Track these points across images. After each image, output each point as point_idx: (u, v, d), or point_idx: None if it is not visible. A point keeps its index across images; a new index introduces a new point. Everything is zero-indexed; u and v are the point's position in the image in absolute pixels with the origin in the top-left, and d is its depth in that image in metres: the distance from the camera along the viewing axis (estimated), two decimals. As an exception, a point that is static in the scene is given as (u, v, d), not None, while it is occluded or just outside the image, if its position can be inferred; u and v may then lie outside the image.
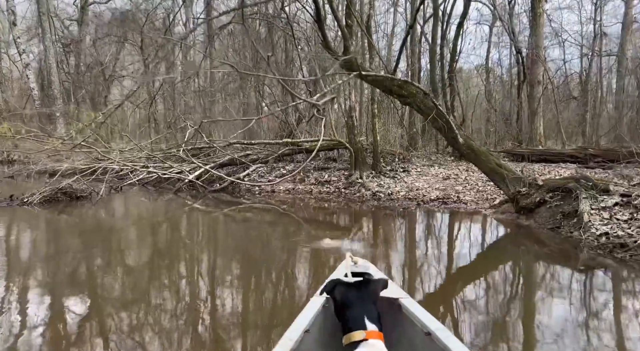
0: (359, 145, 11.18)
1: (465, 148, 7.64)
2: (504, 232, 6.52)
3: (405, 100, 8.03)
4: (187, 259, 5.44)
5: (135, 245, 6.42)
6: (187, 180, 10.70)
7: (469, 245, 6.03)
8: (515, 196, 7.00)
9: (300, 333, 1.87)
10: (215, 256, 5.81)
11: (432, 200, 9.09)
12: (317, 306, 2.14)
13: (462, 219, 7.64)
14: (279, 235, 6.61)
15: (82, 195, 9.17)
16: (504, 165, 7.45)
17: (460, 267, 5.01)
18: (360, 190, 10.37)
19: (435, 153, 15.17)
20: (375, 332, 1.69)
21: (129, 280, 4.66)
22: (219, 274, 4.94)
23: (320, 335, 2.09)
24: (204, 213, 9.27)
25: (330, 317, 2.11)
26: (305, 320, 1.99)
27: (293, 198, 10.52)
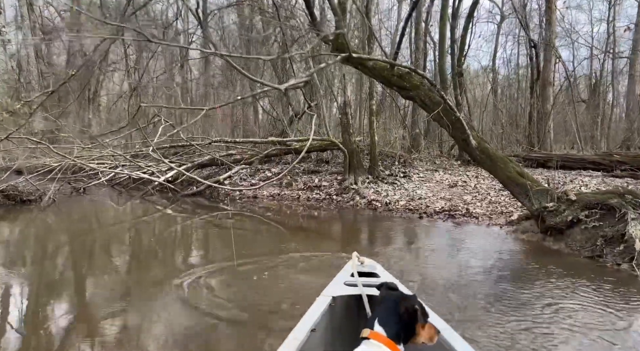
0: (354, 146, 9.86)
1: (478, 152, 6.31)
2: (529, 259, 5.20)
3: (407, 93, 6.71)
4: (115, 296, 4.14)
5: (63, 267, 5.12)
6: (157, 182, 9.39)
7: (485, 277, 4.70)
8: (541, 212, 5.68)
9: (306, 332, 1.85)
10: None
11: (437, 212, 7.77)
12: (324, 305, 2.12)
13: (473, 238, 6.32)
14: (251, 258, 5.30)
15: (29, 198, 7.87)
16: (526, 174, 6.12)
17: (477, 314, 3.69)
18: (354, 198, 9.05)
19: (440, 157, 13.83)
20: (381, 335, 1.63)
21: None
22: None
23: (326, 334, 2.08)
24: (167, 222, 7.97)
25: (337, 317, 2.16)
26: (312, 319, 1.97)
27: (278, 205, 9.22)
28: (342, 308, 2.23)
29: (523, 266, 4.97)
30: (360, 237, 6.88)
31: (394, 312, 1.72)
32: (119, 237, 6.55)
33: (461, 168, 11.26)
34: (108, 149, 9.04)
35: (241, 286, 4.17)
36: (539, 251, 5.45)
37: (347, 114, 9.85)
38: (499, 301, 3.78)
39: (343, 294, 2.25)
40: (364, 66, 6.96)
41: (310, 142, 9.47)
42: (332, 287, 2.36)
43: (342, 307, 2.23)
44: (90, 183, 9.87)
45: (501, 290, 4.08)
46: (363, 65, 6.97)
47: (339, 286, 2.37)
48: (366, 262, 2.72)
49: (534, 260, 5.16)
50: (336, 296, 2.22)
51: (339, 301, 2.21)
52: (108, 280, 4.45)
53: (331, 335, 2.12)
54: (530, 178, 6.08)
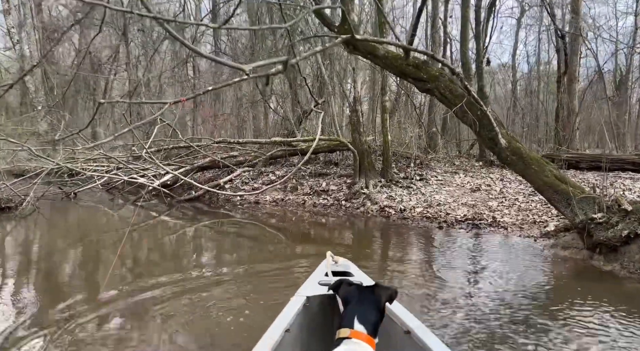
0: (365, 147, 8.98)
1: (509, 153, 5.38)
2: (574, 283, 4.26)
3: (425, 85, 5.81)
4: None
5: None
6: (152, 186, 8.64)
7: (521, 307, 3.77)
8: (587, 225, 4.73)
9: (280, 333, 1.84)
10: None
11: (459, 220, 6.84)
12: (298, 305, 2.10)
13: (503, 253, 5.38)
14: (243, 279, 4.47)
15: (8, 205, 7.20)
16: (566, 179, 5.16)
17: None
18: (365, 204, 8.18)
19: (459, 157, 12.83)
20: (362, 334, 1.62)
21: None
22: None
23: (300, 334, 2.06)
24: (158, 231, 7.19)
25: (311, 316, 2.17)
26: (286, 319, 1.96)
27: (282, 212, 8.40)
28: (317, 307, 2.22)
29: (568, 293, 4.02)
30: (369, 251, 5.95)
31: (372, 307, 1.73)
32: (93, 255, 5.79)
33: (483, 170, 10.28)
34: (99, 151, 8.32)
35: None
36: (587, 273, 4.50)
37: (358, 112, 8.97)
38: (540, 343, 2.87)
39: (317, 294, 2.23)
40: (374, 56, 6.10)
41: (316, 142, 8.65)
42: (306, 287, 2.34)
43: (317, 307, 2.22)
44: (81, 188, 9.18)
45: (541, 329, 3.16)
46: (373, 54, 6.10)
47: (313, 286, 2.35)
48: (340, 261, 2.74)
49: (580, 284, 4.22)
50: (310, 296, 2.21)
51: (313, 301, 2.21)
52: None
53: (306, 335, 2.11)
54: (572, 183, 5.12)
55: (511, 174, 9.40)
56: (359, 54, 6.28)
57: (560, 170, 8.69)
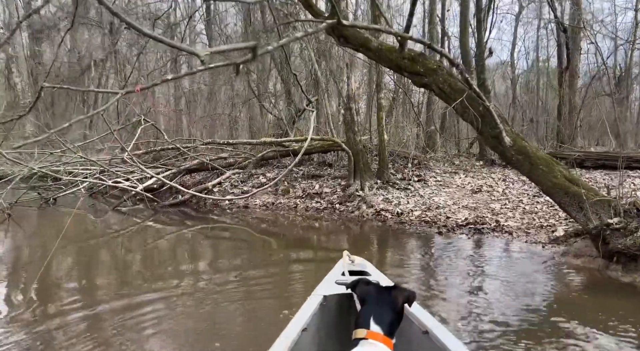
0: (359, 147, 8.52)
1: (514, 152, 4.93)
2: (590, 297, 3.81)
3: (422, 80, 5.35)
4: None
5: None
6: (134, 191, 8.17)
7: (532, 326, 3.32)
8: (602, 231, 4.27)
9: (298, 332, 1.83)
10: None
11: (460, 225, 6.39)
12: (315, 304, 2.09)
13: (509, 262, 4.93)
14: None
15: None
16: (577, 180, 4.71)
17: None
18: (360, 207, 7.72)
19: (458, 156, 12.39)
20: (378, 334, 1.60)
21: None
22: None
23: (318, 334, 2.05)
24: (138, 238, 6.71)
25: (328, 316, 2.16)
26: (303, 318, 1.95)
27: (273, 216, 7.95)
28: (334, 307, 2.22)
29: (582, 309, 3.56)
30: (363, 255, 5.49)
31: (389, 308, 1.70)
32: (59, 266, 5.32)
33: (484, 170, 9.83)
34: (77, 154, 7.84)
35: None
36: (603, 285, 4.05)
37: (352, 110, 8.50)
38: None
39: (334, 293, 2.23)
40: (367, 48, 5.65)
41: (308, 142, 8.20)
42: (323, 286, 2.34)
43: (334, 306, 2.22)
44: (61, 194, 8.70)
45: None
46: (366, 46, 5.66)
47: (330, 285, 2.34)
48: (357, 261, 2.75)
49: (596, 298, 3.77)
50: (327, 295, 2.21)
51: (330, 300, 2.21)
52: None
53: (323, 334, 2.11)
54: (584, 185, 4.67)
55: (514, 174, 8.96)
56: (350, 46, 5.82)
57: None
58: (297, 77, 10.21)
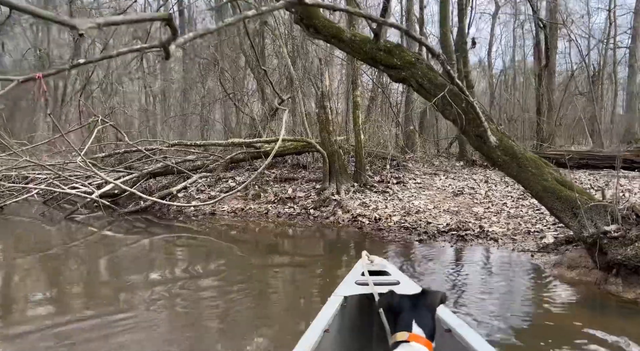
0: (335, 147, 8.00)
1: (500, 152, 4.48)
2: (589, 317, 3.37)
3: (399, 73, 4.87)
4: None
5: None
6: (90, 198, 7.44)
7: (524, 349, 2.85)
8: (598, 240, 3.85)
9: (320, 333, 1.83)
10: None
11: (442, 231, 5.92)
12: (336, 305, 2.09)
13: (495, 274, 4.47)
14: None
15: None
16: (570, 184, 4.28)
17: None
18: (336, 212, 7.21)
19: (438, 156, 12.02)
20: (421, 338, 1.58)
21: None
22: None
23: (339, 335, 2.05)
24: (90, 248, 6.01)
25: (349, 316, 2.17)
26: (325, 319, 1.95)
27: (243, 223, 7.36)
28: (354, 307, 2.22)
29: (579, 330, 3.11)
30: (332, 276, 4.89)
31: (428, 311, 1.69)
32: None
33: (465, 171, 9.45)
34: (23, 158, 7.09)
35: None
36: (602, 302, 3.61)
37: (326, 108, 7.98)
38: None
39: (354, 294, 2.22)
40: (339, 40, 5.16)
41: (279, 143, 7.64)
42: (343, 287, 2.33)
43: (354, 307, 2.21)
44: (7, 201, 7.92)
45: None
46: (338, 38, 5.16)
47: (350, 285, 2.33)
48: (376, 261, 2.70)
49: (596, 318, 3.33)
50: (348, 296, 2.20)
51: (350, 301, 2.20)
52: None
53: (344, 334, 2.10)
54: (577, 188, 4.24)
55: (496, 174, 8.60)
56: (321, 37, 5.28)
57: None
58: (267, 73, 9.62)
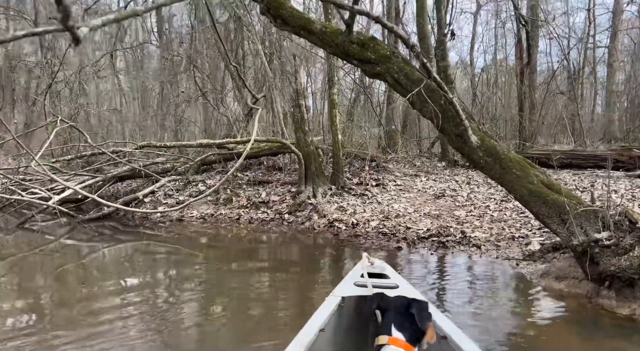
0: (311, 148, 7.59)
1: (482, 153, 4.13)
2: (580, 336, 3.04)
3: (373, 68, 4.48)
4: None
5: None
6: (45, 205, 6.88)
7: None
8: (588, 249, 3.51)
9: (315, 332, 1.84)
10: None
11: (422, 237, 5.55)
12: (333, 305, 2.10)
13: (477, 285, 4.11)
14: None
15: None
16: (557, 186, 3.94)
17: None
18: (312, 217, 6.80)
19: (420, 156, 11.70)
20: (400, 341, 1.61)
21: None
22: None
23: (335, 334, 2.06)
24: (40, 261, 5.48)
25: (346, 317, 2.17)
26: (321, 319, 1.96)
27: (215, 229, 6.90)
28: (352, 308, 2.21)
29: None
30: (306, 287, 4.50)
31: (408, 315, 1.70)
32: None
33: (447, 172, 9.13)
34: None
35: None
36: (594, 318, 3.27)
37: (301, 107, 7.57)
38: None
39: (352, 294, 2.22)
40: (309, 31, 4.78)
41: (251, 144, 7.21)
42: (341, 287, 2.34)
43: (352, 308, 2.21)
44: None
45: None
46: (307, 29, 4.79)
47: (349, 286, 2.34)
48: (376, 263, 2.70)
49: (587, 337, 2.99)
50: (345, 296, 2.20)
51: (348, 301, 2.20)
52: None
53: (340, 335, 2.10)
54: (566, 192, 3.90)
55: (478, 176, 8.29)
56: (288, 29, 4.87)
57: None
58: (239, 69, 9.16)
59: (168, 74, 12.71)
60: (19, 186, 7.84)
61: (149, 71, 13.84)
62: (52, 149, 11.78)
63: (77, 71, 11.95)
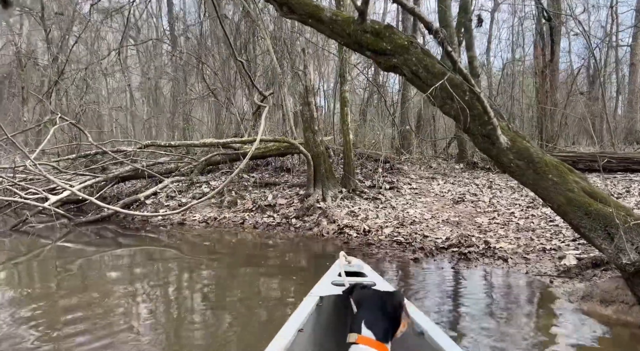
0: (320, 149, 7.14)
1: (513, 156, 3.64)
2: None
3: (389, 60, 4.01)
4: None
5: None
6: (41, 207, 6.55)
7: None
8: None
9: (294, 332, 1.83)
10: None
11: (441, 247, 5.06)
12: (311, 305, 2.09)
13: (506, 307, 3.60)
14: None
15: None
16: (603, 195, 3.42)
17: None
18: (320, 222, 6.34)
19: (435, 157, 11.18)
20: (369, 339, 1.57)
21: None
22: None
23: (314, 334, 2.06)
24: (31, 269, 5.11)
25: (324, 316, 2.17)
26: (299, 319, 1.95)
27: (218, 234, 6.49)
28: (330, 308, 2.21)
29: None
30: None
31: (380, 312, 1.68)
32: None
33: (466, 174, 8.59)
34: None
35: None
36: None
37: (311, 104, 7.12)
38: None
39: (330, 294, 2.21)
40: (317, 20, 4.35)
41: (256, 143, 6.78)
42: (319, 287, 2.32)
43: (330, 307, 2.21)
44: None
45: None
46: (316, 18, 4.36)
47: (327, 286, 2.32)
48: (353, 262, 2.72)
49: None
50: (324, 296, 2.19)
51: (326, 301, 2.20)
52: None
53: (319, 335, 2.10)
54: (613, 201, 3.38)
55: (500, 179, 7.76)
56: (295, 17, 4.41)
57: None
58: (244, 65, 8.74)
59: (176, 71, 12.36)
60: (17, 186, 7.53)
61: (159, 69, 13.51)
62: (58, 147, 11.57)
63: (84, 68, 11.67)
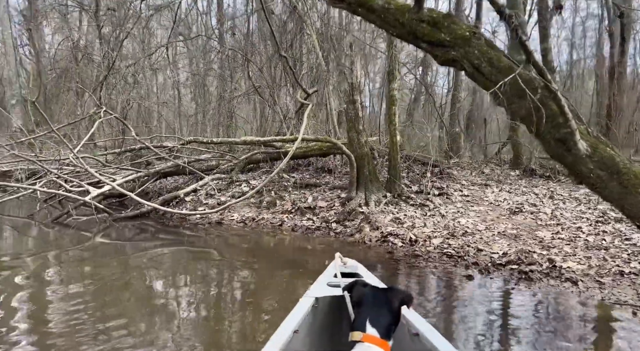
0: (365, 150, 6.74)
1: (593, 165, 3.12)
2: None
3: (447, 53, 3.57)
4: None
5: None
6: (82, 200, 6.56)
7: None
8: None
9: (289, 333, 1.83)
10: None
11: (499, 263, 4.54)
12: (307, 306, 2.10)
13: (585, 343, 3.08)
14: None
15: None
16: None
17: None
18: (362, 229, 5.95)
19: (487, 163, 10.47)
20: (374, 338, 1.58)
21: None
22: None
23: (309, 335, 2.05)
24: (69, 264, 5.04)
25: (319, 318, 2.17)
26: (294, 320, 1.95)
27: (256, 234, 6.25)
28: (325, 309, 2.21)
29: None
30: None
31: (386, 310, 1.68)
32: None
33: (522, 182, 7.91)
34: (12, 152, 6.30)
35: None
36: None
37: (356, 103, 6.73)
38: None
39: (326, 295, 2.22)
40: (367, 9, 3.98)
41: (297, 143, 6.49)
42: (315, 288, 2.33)
43: (325, 308, 2.21)
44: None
45: None
46: (366, 6, 3.97)
47: (322, 287, 2.33)
48: (349, 263, 2.72)
49: None
50: (319, 297, 2.20)
51: (322, 302, 2.20)
52: None
53: (314, 336, 2.09)
54: None
55: (562, 188, 7.05)
56: (343, 6, 4.04)
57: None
58: (288, 60, 8.46)
59: (222, 69, 12.33)
60: (62, 179, 7.64)
61: (206, 65, 13.57)
62: (105, 141, 11.82)
63: (132, 63, 11.88)
